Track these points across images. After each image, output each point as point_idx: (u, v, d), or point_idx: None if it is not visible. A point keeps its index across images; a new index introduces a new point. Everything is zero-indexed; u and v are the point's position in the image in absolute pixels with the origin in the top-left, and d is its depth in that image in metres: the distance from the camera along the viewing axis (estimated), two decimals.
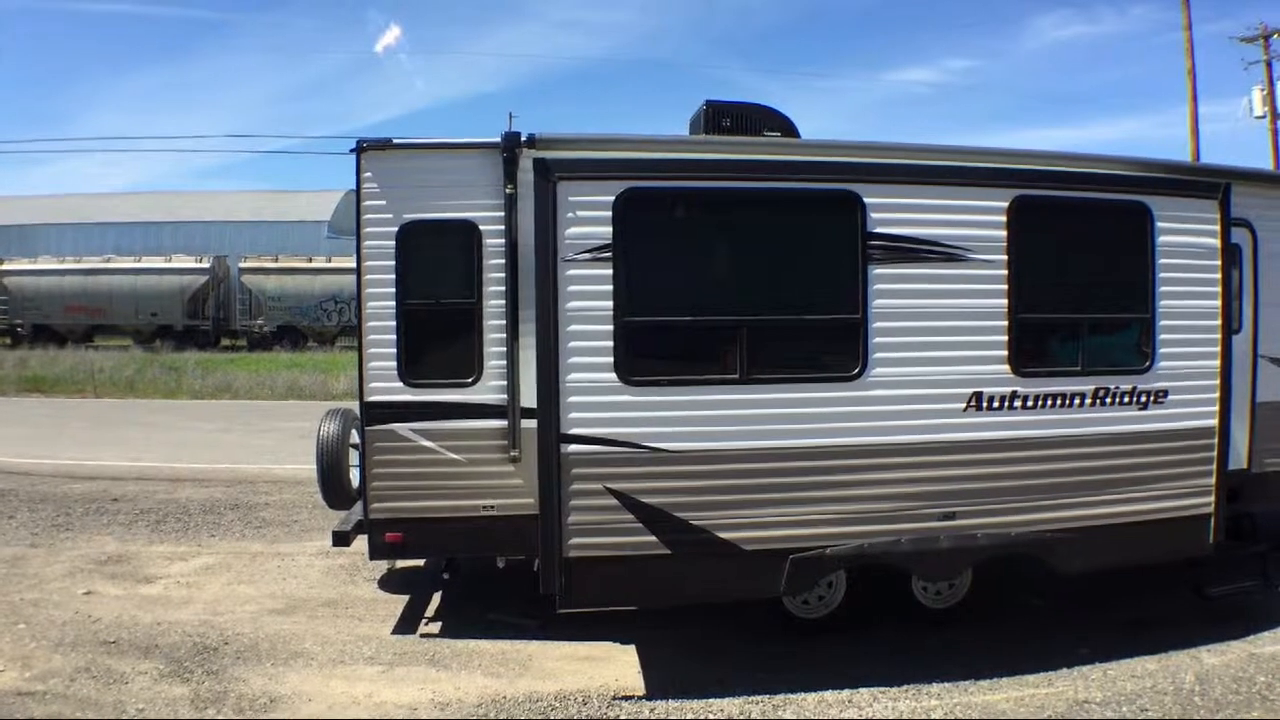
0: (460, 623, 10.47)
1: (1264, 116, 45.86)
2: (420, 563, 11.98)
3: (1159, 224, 9.73)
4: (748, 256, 9.14)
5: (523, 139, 9.02)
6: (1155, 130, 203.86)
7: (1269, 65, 46.11)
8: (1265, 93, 45.85)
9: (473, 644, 9.87)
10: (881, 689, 8.93)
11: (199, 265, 53.83)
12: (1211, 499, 10.00)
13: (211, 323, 54.06)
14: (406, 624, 10.53)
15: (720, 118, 10.35)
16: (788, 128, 10.51)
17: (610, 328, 8.47)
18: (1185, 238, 9.84)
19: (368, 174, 9.27)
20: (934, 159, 9.36)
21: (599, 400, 8.47)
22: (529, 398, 8.87)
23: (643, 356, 8.66)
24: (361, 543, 9.82)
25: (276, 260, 54.06)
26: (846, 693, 8.85)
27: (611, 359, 8.49)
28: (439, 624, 10.53)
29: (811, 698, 8.75)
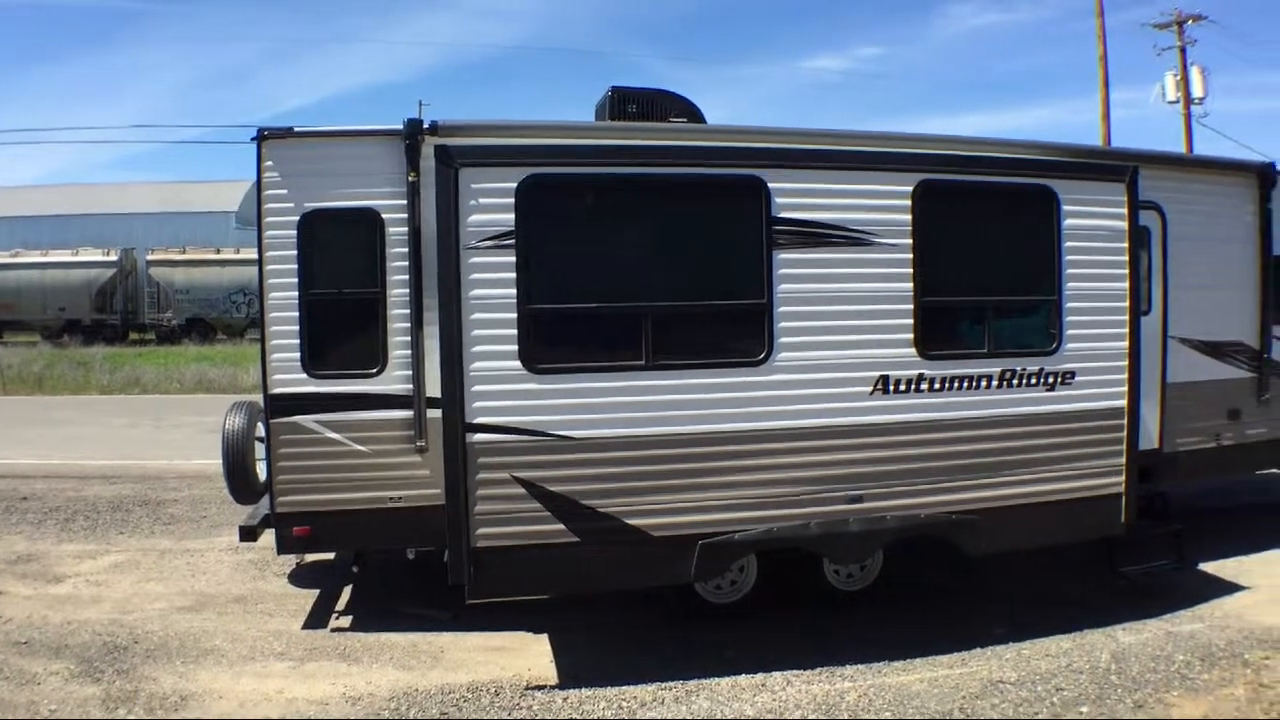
0: (371, 616, 10.64)
1: (1177, 101, 47.00)
2: (330, 556, 12.11)
3: (1065, 207, 10.07)
4: (653, 242, 9.30)
5: (425, 126, 9.17)
6: (1069, 116, 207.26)
7: (1183, 51, 47.25)
8: (1179, 78, 46.96)
9: (384, 637, 10.03)
10: (795, 672, 9.20)
11: (106, 258, 53.31)
12: (1122, 479, 10.36)
13: (120, 316, 53.61)
14: (317, 618, 10.66)
15: (626, 104, 10.58)
16: (693, 113, 10.76)
17: (514, 315, 8.60)
18: (1091, 221, 10.18)
19: (269, 163, 9.37)
20: (839, 144, 9.63)
21: (504, 389, 8.61)
22: (434, 387, 8.99)
23: (547, 344, 8.81)
24: (270, 537, 9.95)
25: (184, 252, 53.61)
26: (760, 676, 9.10)
27: (516, 347, 8.62)
28: (350, 618, 10.68)
29: (725, 682, 8.99)
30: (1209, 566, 12.42)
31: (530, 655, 9.66)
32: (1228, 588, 11.71)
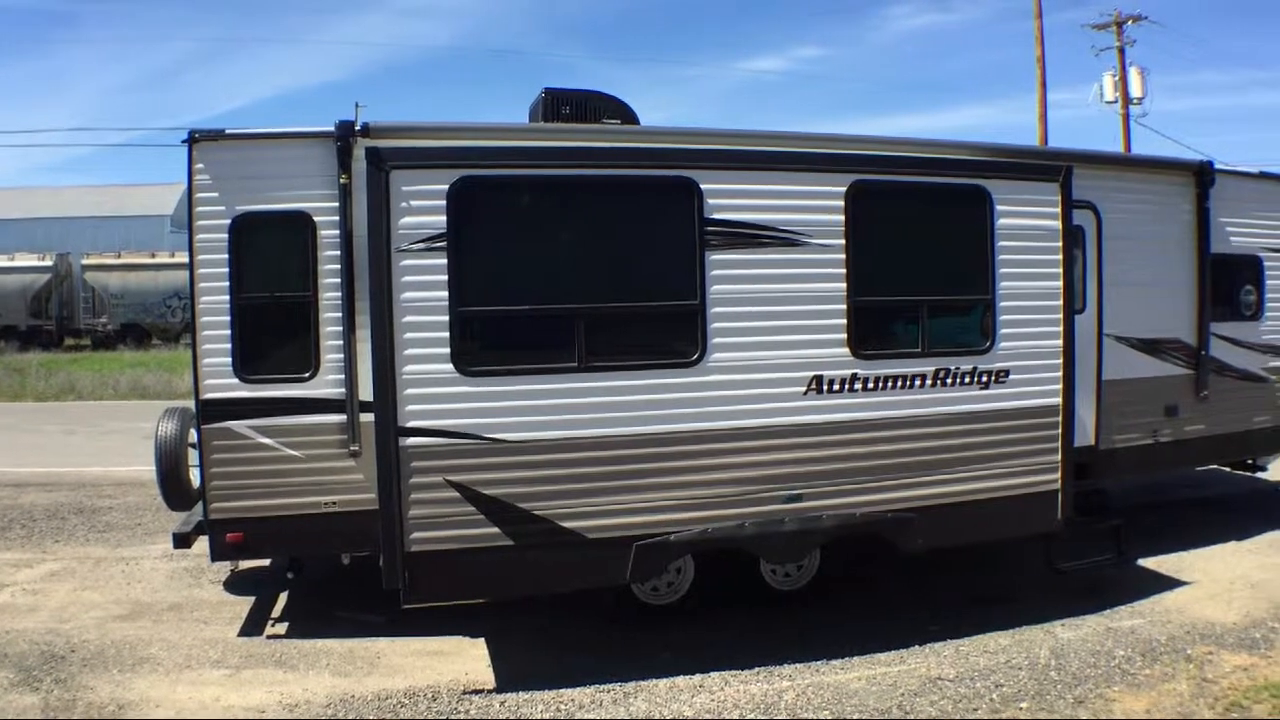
0: (307, 622, 10.70)
1: (1115, 102, 47.66)
2: (266, 562, 12.13)
3: (998, 207, 10.27)
4: (585, 244, 9.42)
5: (356, 128, 9.22)
6: (1008, 116, 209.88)
7: (1121, 51, 47.91)
8: (1117, 78, 47.60)
9: (320, 643, 10.09)
10: (733, 672, 9.35)
11: (42, 263, 52.71)
12: (1058, 475, 10.58)
13: (55, 322, 53.02)
14: (253, 625, 10.71)
15: (560, 105, 10.69)
16: (627, 115, 10.89)
17: (446, 318, 8.67)
18: (1025, 220, 10.39)
19: (200, 165, 9.36)
20: (771, 145, 9.81)
21: (436, 392, 8.68)
22: (367, 391, 9.03)
23: (480, 346, 8.92)
24: (205, 544, 9.94)
25: (119, 257, 53.05)
26: (698, 677, 9.25)
27: (448, 350, 8.70)
28: (285, 624, 10.74)
29: (663, 684, 9.13)
30: (1149, 562, 12.68)
31: (467, 659, 9.75)
32: (1168, 583, 11.95)
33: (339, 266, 9.34)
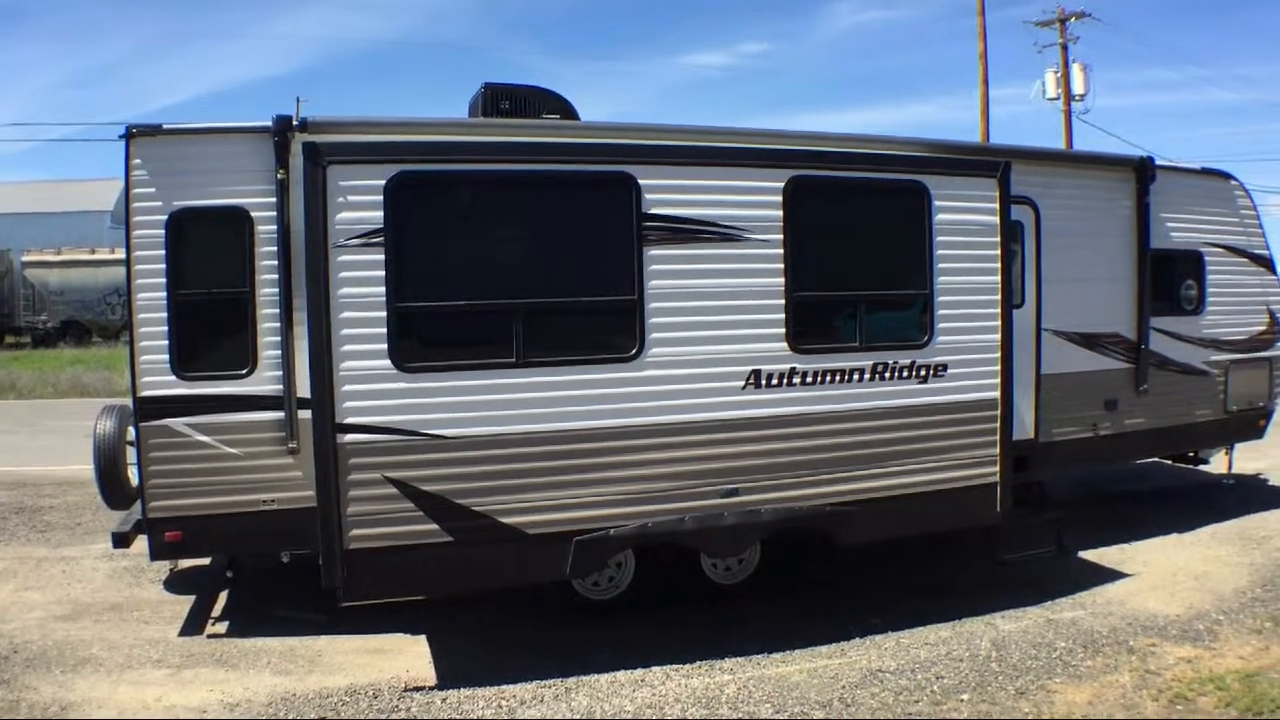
0: (247, 621, 10.71)
1: (1058, 98, 48.23)
2: (205, 561, 12.15)
3: (936, 202, 10.43)
4: (523, 239, 9.49)
5: (294, 123, 9.23)
6: (951, 113, 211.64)
7: (1064, 48, 48.44)
8: (1059, 75, 48.14)
9: (260, 642, 10.11)
10: (674, 666, 9.46)
11: None
12: (997, 469, 10.77)
13: None
14: (193, 625, 10.70)
15: (499, 100, 10.73)
16: (566, 110, 10.94)
17: (383, 314, 8.71)
18: (963, 216, 10.56)
19: (137, 161, 9.32)
20: (709, 141, 9.91)
21: (374, 388, 8.72)
22: (305, 388, 9.02)
23: (417, 342, 8.96)
24: (144, 543, 9.91)
25: (60, 253, 52.43)
26: (639, 672, 9.36)
27: (385, 346, 8.74)
28: (226, 623, 10.74)
29: (604, 679, 9.23)
30: (1091, 554, 12.90)
31: (408, 656, 9.81)
32: (1110, 575, 12.17)
33: (276, 263, 9.34)
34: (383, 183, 8.71)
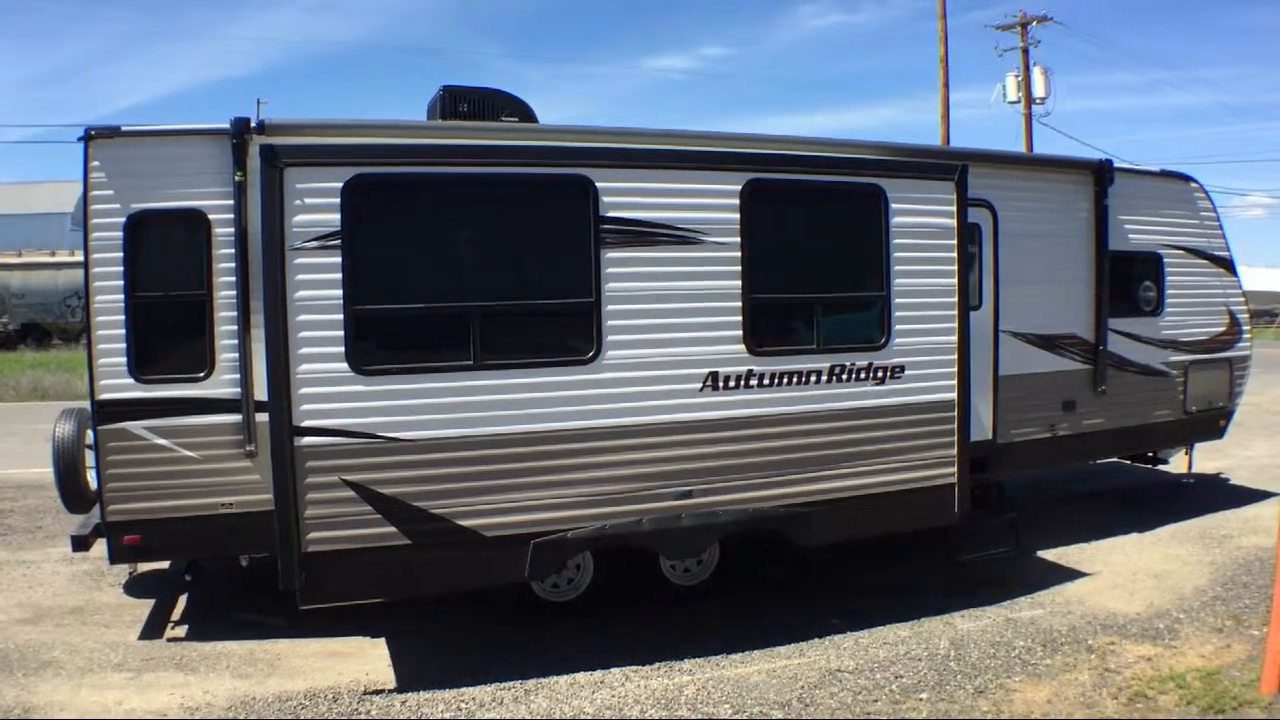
0: (207, 624, 10.69)
1: (1018, 102, 48.78)
2: (165, 565, 12.08)
3: (893, 205, 10.49)
4: (481, 242, 9.50)
5: (252, 125, 9.19)
6: (912, 116, 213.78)
7: (1026, 52, 49.03)
8: (1020, 78, 48.61)
9: (220, 646, 10.08)
10: (633, 668, 9.49)
11: None
12: (954, 469, 10.86)
13: None
14: (153, 628, 10.67)
15: (457, 103, 10.73)
16: (525, 113, 10.96)
17: (341, 317, 8.71)
18: (920, 219, 10.63)
19: (96, 163, 9.26)
20: (667, 144, 9.93)
21: (331, 391, 8.72)
22: (263, 391, 8.98)
23: (375, 345, 8.96)
24: (104, 546, 9.86)
25: (20, 255, 52.09)
26: (599, 673, 9.38)
27: (343, 348, 8.74)
28: (185, 627, 10.70)
29: (563, 680, 9.24)
30: (1050, 554, 13.01)
31: (368, 659, 9.80)
32: (1069, 574, 12.27)
33: (234, 265, 9.28)
34: (340, 185, 8.69)
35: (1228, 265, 15.32)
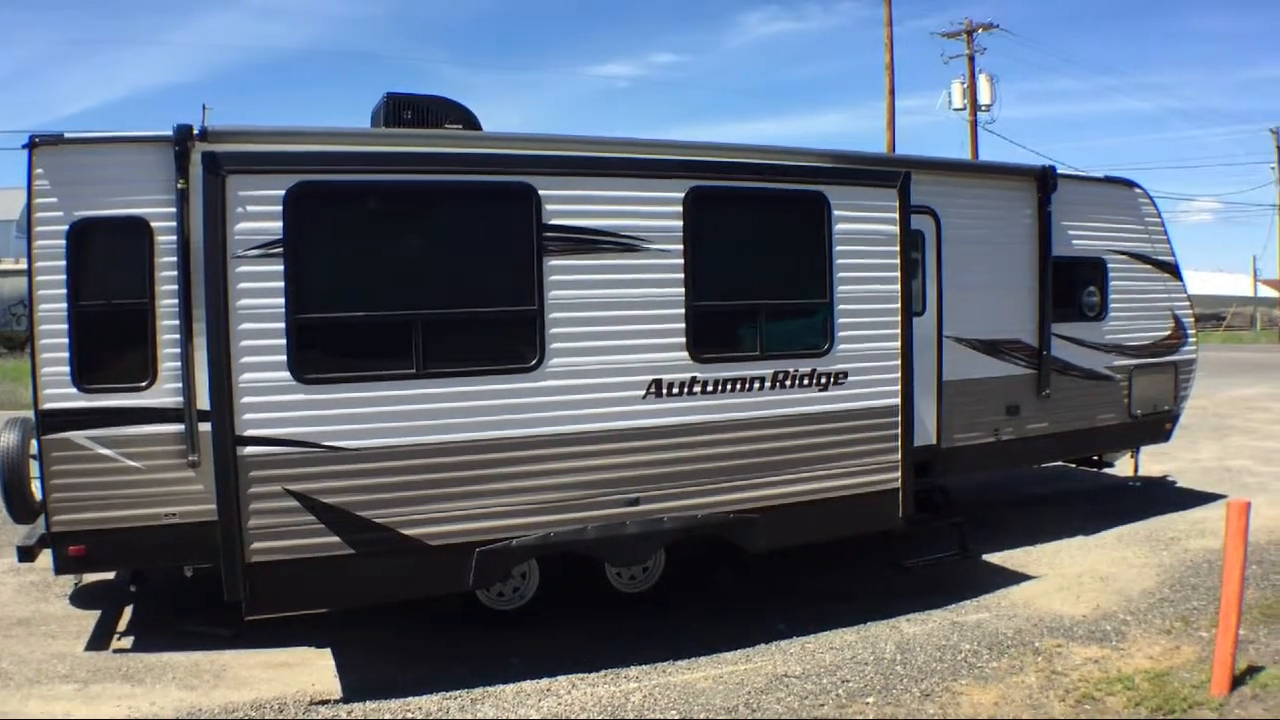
0: (153, 635, 10.57)
1: (963, 109, 49.35)
2: (111, 575, 11.99)
3: (836, 212, 10.52)
4: (424, 250, 9.44)
5: (195, 132, 9.11)
6: (859, 123, 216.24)
7: (971, 59, 49.57)
8: (966, 85, 49.11)
9: (166, 657, 9.97)
10: (580, 675, 9.44)
11: None
12: (899, 474, 10.89)
13: None
14: (99, 639, 10.55)
15: (401, 110, 10.69)
16: (469, 120, 10.92)
17: (283, 325, 8.62)
18: (862, 225, 10.66)
19: (39, 170, 9.16)
20: (610, 151, 9.95)
21: (274, 400, 8.63)
22: (206, 400, 8.88)
23: (317, 354, 8.87)
24: (49, 557, 9.77)
25: None
26: (545, 681, 9.32)
27: (285, 357, 8.65)
28: (131, 638, 10.58)
29: (510, 689, 9.19)
30: (996, 557, 13.05)
31: (314, 670, 9.72)
32: (1014, 577, 12.31)
33: (176, 273, 9.21)
34: (282, 193, 8.61)
35: (1172, 270, 15.45)
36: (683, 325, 9.87)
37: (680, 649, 10.00)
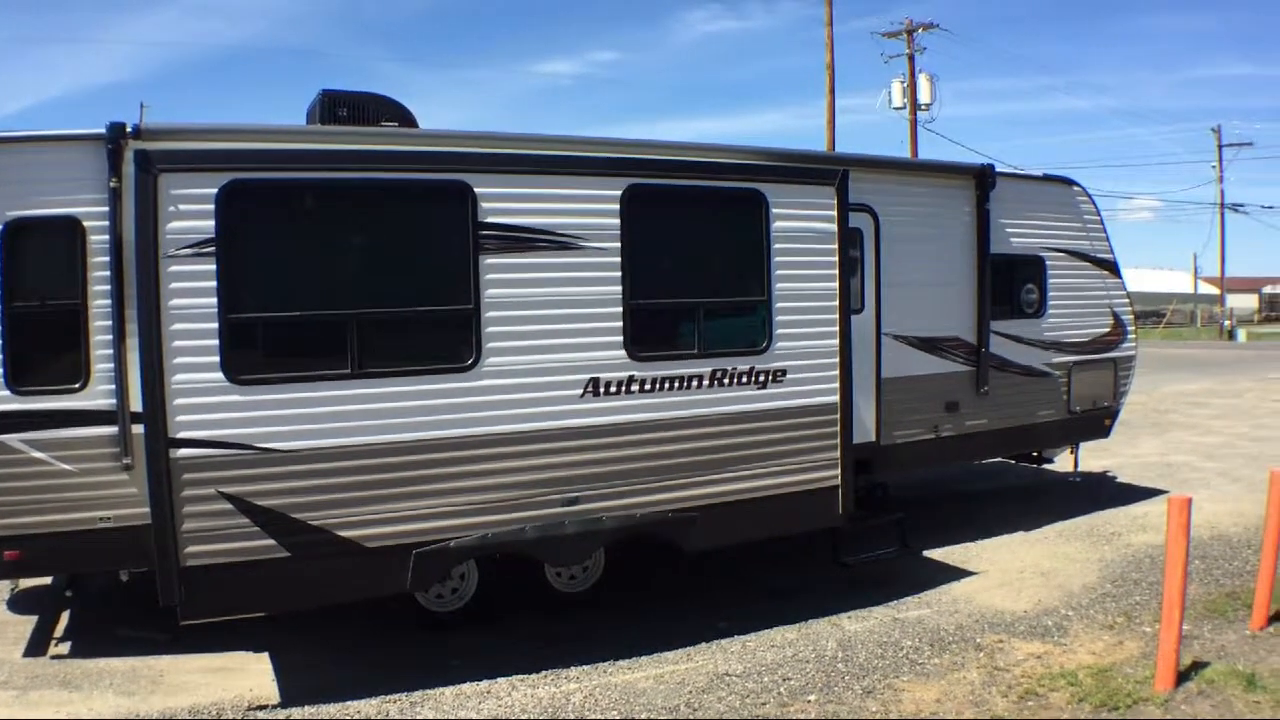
0: (91, 641, 10.42)
1: (904, 108, 49.76)
2: (48, 580, 11.80)
3: (773, 210, 10.50)
4: (360, 248, 9.32)
5: (128, 130, 8.97)
6: (801, 121, 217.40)
7: (911, 59, 50.00)
8: (906, 84, 49.49)
9: (103, 662, 9.83)
10: (520, 677, 9.37)
11: None
12: (838, 471, 10.88)
13: None
14: (37, 645, 10.39)
15: (337, 107, 10.54)
16: (405, 118, 10.80)
17: (216, 325, 8.49)
18: (800, 223, 10.65)
19: None
20: (546, 149, 9.83)
21: (207, 401, 8.49)
22: (139, 402, 8.73)
23: (251, 354, 8.74)
24: None
25: None
26: (485, 683, 9.25)
27: (218, 358, 8.52)
28: (69, 644, 10.43)
29: (450, 691, 9.11)
30: (936, 553, 13.09)
31: (252, 675, 9.60)
32: (955, 573, 12.34)
33: (109, 274, 9.06)
34: (214, 191, 8.48)
35: (1111, 267, 15.53)
36: (620, 324, 9.81)
37: (621, 649, 9.95)
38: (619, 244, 9.78)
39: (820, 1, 44.99)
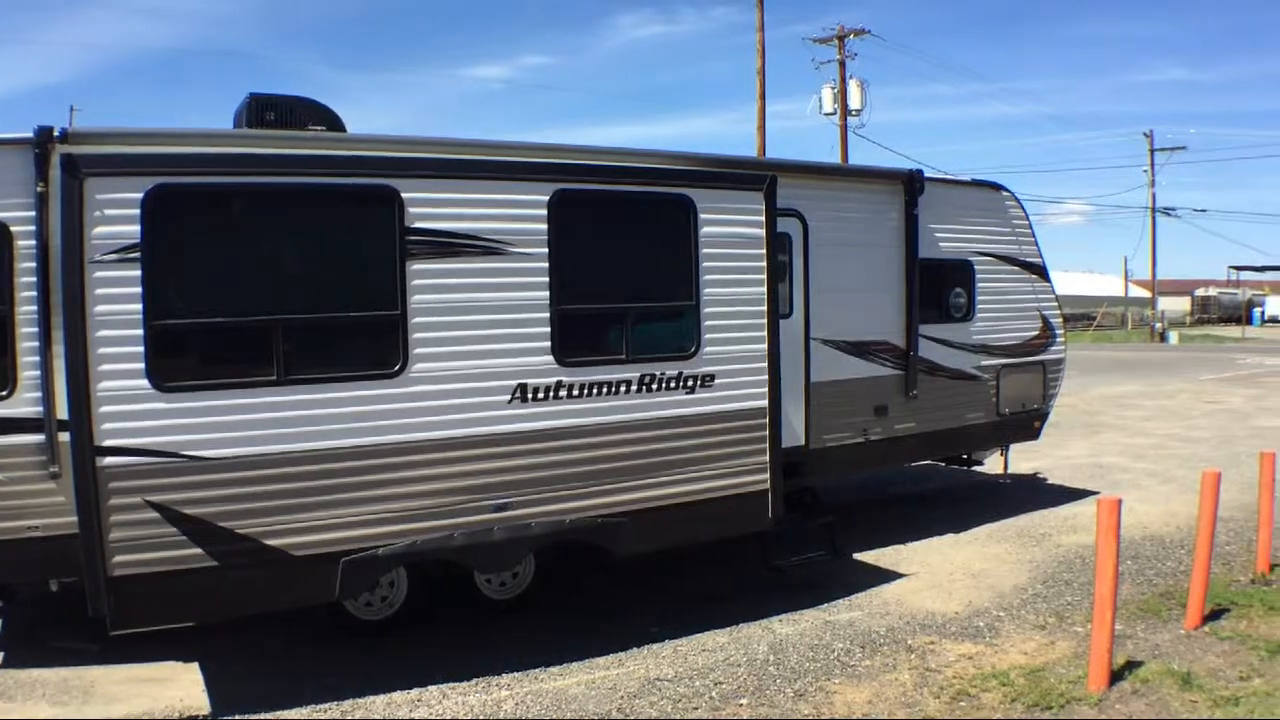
0: (21, 651, 10.30)
1: (834, 114, 50.22)
2: None
3: (701, 215, 10.53)
4: (285, 254, 9.25)
5: (55, 134, 8.87)
6: (732, 127, 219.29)
7: (842, 64, 50.51)
8: (836, 90, 49.96)
9: (34, 673, 9.72)
10: (451, 685, 9.34)
11: None
12: (767, 475, 10.93)
13: None
14: None
15: (264, 111, 10.45)
16: (333, 122, 10.73)
17: (141, 332, 8.39)
18: (728, 228, 10.70)
19: None
20: (474, 154, 9.83)
21: (133, 409, 8.39)
22: (66, 409, 8.60)
23: (176, 361, 8.65)
24: None
25: None
26: (415, 691, 9.21)
27: (143, 365, 8.42)
28: (1, 654, 10.31)
29: (380, 700, 9.05)
30: (867, 556, 13.18)
31: (182, 684, 9.52)
32: (886, 576, 12.44)
33: (35, 279, 8.99)
34: (140, 196, 8.36)
35: (1040, 271, 15.73)
36: (548, 329, 9.80)
37: (552, 654, 9.94)
38: (547, 249, 9.77)
39: (752, 6, 45.10)
